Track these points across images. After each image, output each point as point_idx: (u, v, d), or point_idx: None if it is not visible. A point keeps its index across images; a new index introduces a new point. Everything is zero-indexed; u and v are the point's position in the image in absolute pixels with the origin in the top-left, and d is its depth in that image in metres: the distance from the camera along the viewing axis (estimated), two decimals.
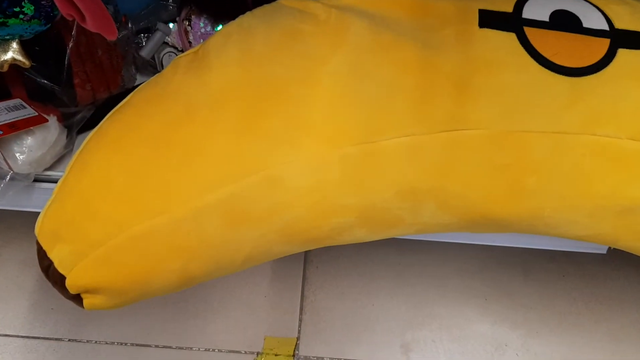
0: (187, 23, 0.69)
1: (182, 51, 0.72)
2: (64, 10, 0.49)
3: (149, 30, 0.72)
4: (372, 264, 0.86)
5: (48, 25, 0.58)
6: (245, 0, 0.65)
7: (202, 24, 0.70)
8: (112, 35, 0.51)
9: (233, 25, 0.56)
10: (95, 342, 0.79)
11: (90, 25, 0.50)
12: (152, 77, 0.55)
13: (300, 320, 0.81)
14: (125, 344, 0.79)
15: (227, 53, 0.53)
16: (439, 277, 0.86)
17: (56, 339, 0.79)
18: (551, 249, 0.82)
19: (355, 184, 0.52)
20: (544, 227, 0.58)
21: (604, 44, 0.54)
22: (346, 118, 0.51)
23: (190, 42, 0.70)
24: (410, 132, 0.51)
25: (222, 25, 0.70)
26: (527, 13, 0.55)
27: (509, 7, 0.55)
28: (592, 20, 0.55)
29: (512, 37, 0.53)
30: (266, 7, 0.57)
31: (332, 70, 0.51)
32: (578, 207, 0.55)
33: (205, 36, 0.70)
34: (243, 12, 0.58)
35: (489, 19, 0.54)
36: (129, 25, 0.69)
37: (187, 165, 0.50)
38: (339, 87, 0.51)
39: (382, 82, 0.52)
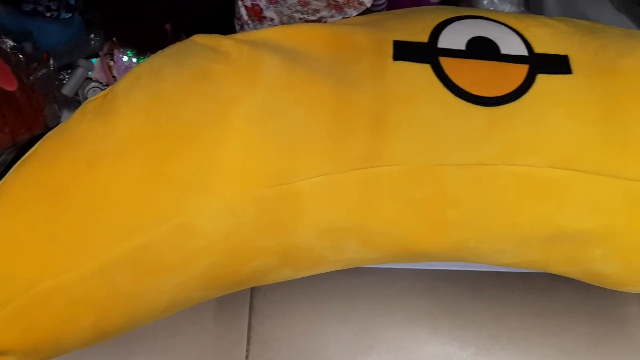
0: (110, 58, 0.68)
1: (108, 86, 0.70)
2: None
3: (73, 66, 0.70)
4: (321, 288, 0.85)
5: None
6: (166, 32, 0.63)
7: (125, 58, 0.68)
8: (10, 86, 0.49)
9: (143, 65, 0.54)
10: None
11: None
12: (59, 125, 0.53)
13: (247, 351, 0.79)
14: None
15: (135, 97, 0.51)
16: (388, 297, 0.84)
17: None
18: None
19: (274, 226, 0.50)
20: (471, 256, 0.57)
21: (523, 70, 0.53)
22: (259, 160, 0.49)
23: (114, 77, 0.68)
24: (326, 171, 0.50)
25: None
26: (443, 42, 0.54)
27: (424, 37, 0.54)
28: (511, 45, 0.54)
29: (427, 68, 0.52)
30: (178, 45, 0.55)
31: (243, 111, 0.50)
32: (504, 237, 0.54)
33: (130, 70, 0.68)
34: (164, 45, 0.57)
35: (403, 51, 0.53)
36: (50, 61, 0.67)
37: (93, 218, 0.48)
38: (251, 128, 0.50)
39: (295, 121, 0.50)
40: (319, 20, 0.61)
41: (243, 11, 0.61)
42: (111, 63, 0.67)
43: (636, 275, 0.56)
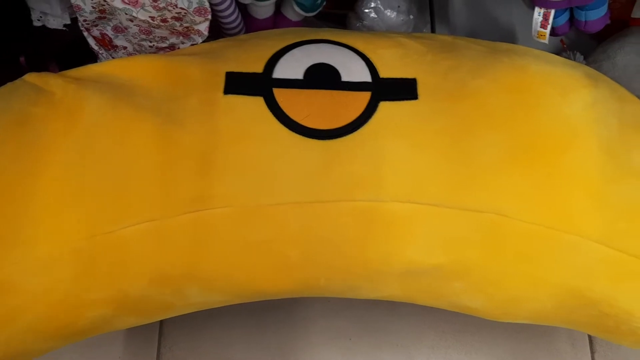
0: None
1: None
2: None
3: None
4: (232, 313, 0.82)
5: None
6: (19, 62, 0.61)
7: None
8: None
9: None
10: None
11: None
12: None
13: None
14: None
15: None
16: (303, 319, 0.82)
17: None
18: None
19: (98, 277, 0.48)
20: (329, 293, 0.54)
21: (364, 98, 0.50)
22: (75, 210, 0.47)
23: None
24: (151, 217, 0.47)
25: None
26: (279, 72, 0.50)
27: (259, 67, 0.51)
28: (353, 71, 0.51)
29: (259, 102, 0.49)
30: (6, 87, 0.53)
31: (60, 159, 0.47)
32: (354, 274, 0.51)
33: None
34: (16, 76, 0.54)
35: (235, 84, 0.50)
36: None
37: None
38: (67, 176, 0.47)
39: (116, 165, 0.48)
40: (171, 47, 0.58)
41: (91, 41, 0.58)
42: None
43: (501, 308, 0.52)
